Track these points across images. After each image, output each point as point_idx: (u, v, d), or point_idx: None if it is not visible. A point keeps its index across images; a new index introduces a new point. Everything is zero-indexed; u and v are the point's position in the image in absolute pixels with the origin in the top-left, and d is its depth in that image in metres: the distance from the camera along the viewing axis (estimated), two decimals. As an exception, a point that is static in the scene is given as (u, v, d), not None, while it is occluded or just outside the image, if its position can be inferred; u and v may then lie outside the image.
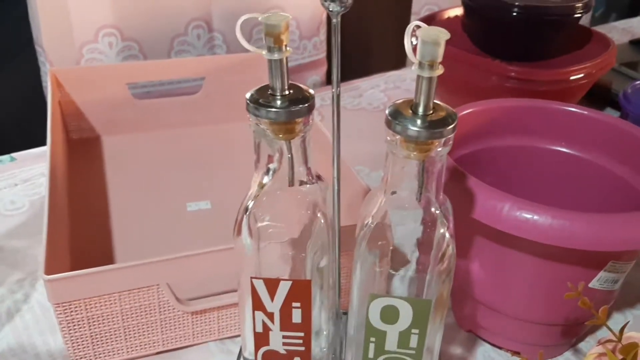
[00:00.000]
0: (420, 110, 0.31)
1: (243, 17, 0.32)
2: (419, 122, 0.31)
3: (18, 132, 0.78)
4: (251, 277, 0.36)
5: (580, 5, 0.75)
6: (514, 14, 0.76)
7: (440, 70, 0.30)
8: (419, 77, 0.31)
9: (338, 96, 0.32)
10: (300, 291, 0.36)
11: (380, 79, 0.97)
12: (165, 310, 0.47)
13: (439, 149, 0.32)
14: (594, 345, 0.48)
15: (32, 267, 0.57)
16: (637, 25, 1.24)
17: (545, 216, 0.39)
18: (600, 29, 1.23)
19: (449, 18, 0.90)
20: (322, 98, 0.90)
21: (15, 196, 0.66)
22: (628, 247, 0.40)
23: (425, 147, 0.31)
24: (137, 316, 0.46)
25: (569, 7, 0.76)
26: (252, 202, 0.35)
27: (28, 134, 0.77)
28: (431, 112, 0.31)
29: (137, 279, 0.44)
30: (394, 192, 0.34)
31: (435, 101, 0.32)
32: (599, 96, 0.87)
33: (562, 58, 0.82)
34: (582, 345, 0.52)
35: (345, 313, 0.41)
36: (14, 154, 0.73)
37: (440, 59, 0.30)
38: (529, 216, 0.40)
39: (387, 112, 0.32)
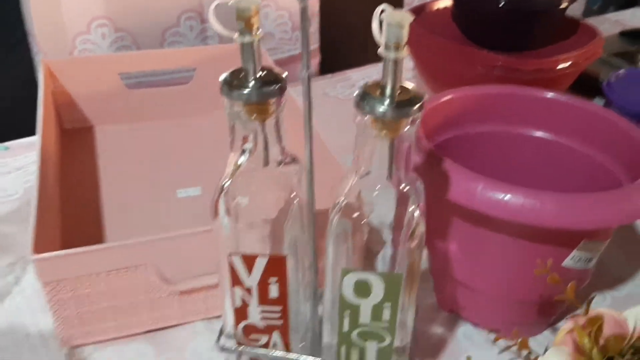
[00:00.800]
0: (388, 91, 0.32)
1: (215, 2, 0.33)
2: (387, 102, 0.32)
3: (13, 122, 0.79)
4: (229, 253, 0.37)
5: (565, -6, 0.76)
6: (501, 4, 0.77)
7: (405, 53, 0.31)
8: (385, 59, 0.32)
9: (308, 79, 0.33)
10: (277, 266, 0.37)
11: (373, 70, 0.98)
12: (152, 290, 0.48)
13: (407, 127, 0.33)
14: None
15: (23, 252, 0.58)
16: (629, 17, 1.25)
17: (517, 195, 0.41)
18: (594, 20, 1.24)
19: (438, 9, 0.91)
20: (314, 89, 0.91)
21: (9, 184, 0.67)
22: (597, 226, 0.41)
23: (394, 126, 0.33)
24: (125, 296, 0.48)
25: (555, -3, 0.77)
26: (229, 181, 0.36)
27: (23, 124, 0.78)
28: (399, 92, 0.33)
29: (124, 259, 0.46)
30: (365, 172, 0.35)
31: (402, 84, 0.33)
32: (587, 86, 0.88)
33: (549, 48, 0.82)
34: (560, 324, 0.54)
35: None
36: (7, 143, 0.75)
37: (404, 41, 0.31)
38: (501, 196, 0.41)
39: (355, 95, 0.34)
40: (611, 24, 1.23)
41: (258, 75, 0.33)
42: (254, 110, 0.33)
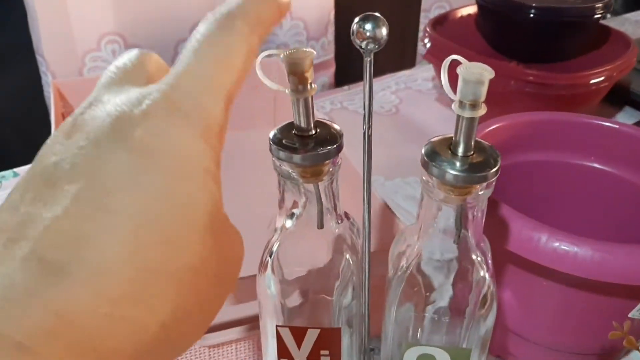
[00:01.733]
0: (460, 151, 0.29)
1: (263, 54, 0.29)
2: (458, 164, 0.29)
3: (20, 145, 0.75)
4: (277, 326, 0.33)
5: (600, 5, 0.73)
6: (531, 15, 0.74)
7: (483, 110, 0.28)
8: (459, 116, 0.28)
9: (369, 137, 0.30)
10: (329, 339, 0.34)
11: (391, 80, 0.94)
12: (181, 345, 0.45)
13: (480, 193, 0.29)
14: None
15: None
16: (651, 17, 1.21)
17: (584, 248, 0.37)
18: (613, 21, 1.20)
19: (462, 17, 0.87)
20: (332, 102, 0.88)
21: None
22: (673, 280, 0.38)
23: (465, 191, 0.29)
24: (152, 352, 0.44)
25: (588, 8, 0.73)
26: (277, 245, 0.33)
27: (31, 146, 0.74)
28: (472, 152, 0.29)
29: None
30: (429, 234, 0.32)
31: (476, 139, 0.29)
32: (617, 96, 0.84)
33: (581, 59, 0.79)
34: (614, 368, 0.50)
35: (372, 349, 0.39)
36: (17, 169, 0.71)
37: (483, 98, 0.27)
38: (567, 248, 0.37)
39: (423, 151, 0.30)
40: (632, 24, 1.19)
41: (313, 133, 0.30)
42: (307, 172, 0.30)
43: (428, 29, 0.78)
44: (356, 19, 0.27)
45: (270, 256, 0.33)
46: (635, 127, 0.51)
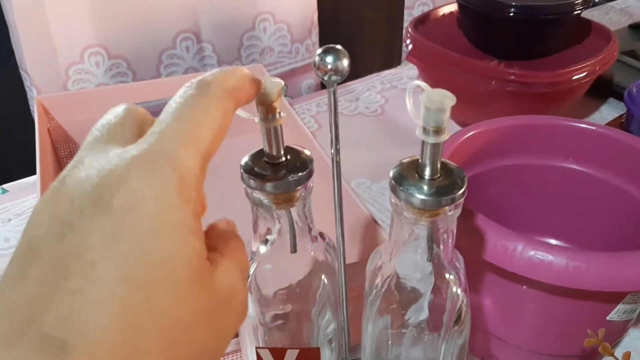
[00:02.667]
0: (427, 174, 0.29)
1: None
2: (425, 188, 0.29)
3: (8, 160, 0.76)
4: (256, 348, 0.34)
5: (579, 1, 0.73)
6: (511, 13, 0.74)
7: (446, 136, 0.28)
8: (423, 141, 0.29)
9: (338, 163, 0.30)
10: (309, 358, 0.34)
11: (376, 80, 0.95)
12: None
13: (449, 213, 0.30)
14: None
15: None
16: (636, 5, 1.21)
17: (559, 257, 0.38)
18: (598, 10, 1.21)
19: (444, 15, 0.87)
20: (318, 104, 0.88)
21: (10, 233, 0.64)
22: (647, 285, 0.38)
23: (434, 213, 0.30)
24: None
25: (568, 4, 0.73)
26: (253, 268, 0.33)
27: (22, 160, 0.75)
28: (438, 175, 0.29)
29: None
30: (401, 253, 0.32)
31: (442, 160, 0.30)
32: (600, 88, 0.85)
33: (563, 54, 0.79)
34: (598, 367, 0.51)
35: (355, 361, 0.40)
36: (5, 186, 0.71)
37: (445, 125, 0.28)
38: (542, 258, 0.38)
39: (391, 174, 0.30)
40: (617, 13, 1.20)
41: (283, 161, 0.30)
42: (279, 199, 0.30)
43: (409, 30, 0.79)
44: (318, 51, 0.27)
45: (247, 279, 0.34)
46: (613, 129, 0.51)
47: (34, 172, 0.71)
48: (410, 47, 0.77)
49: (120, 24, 0.77)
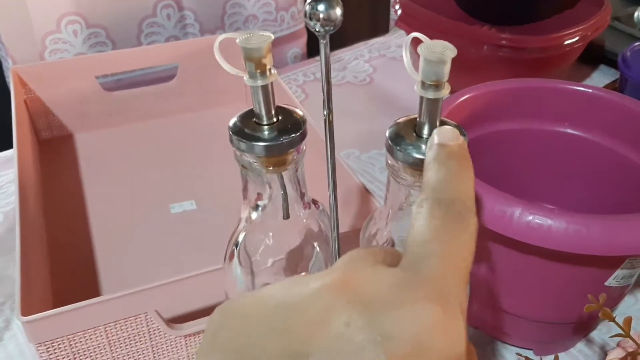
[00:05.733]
0: (425, 133, 0.28)
1: (220, 37, 0.28)
2: (424, 147, 0.28)
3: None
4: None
5: (572, -37, 0.71)
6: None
7: (446, 90, 0.26)
8: (422, 97, 0.27)
9: (331, 122, 0.29)
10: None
11: (364, 48, 0.92)
12: (156, 337, 0.44)
13: (448, 174, 0.28)
14: (608, 340, 0.46)
15: (11, 289, 0.53)
16: (625, -29, 1.19)
17: (558, 221, 0.36)
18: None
19: (433, -20, 0.85)
20: (305, 73, 0.86)
21: (-13, 208, 0.62)
22: (648, 248, 0.37)
23: (433, 173, 0.28)
24: (126, 345, 0.43)
25: (561, -34, 0.72)
26: (243, 235, 0.32)
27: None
28: (438, 133, 0.28)
29: (124, 310, 0.41)
30: (398, 217, 0.31)
31: (441, 118, 0.28)
32: (592, 54, 0.83)
33: (554, 19, 0.78)
34: (594, 334, 0.50)
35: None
36: (-19, 158, 0.69)
37: (446, 78, 0.26)
38: (540, 222, 0.37)
39: (387, 134, 0.29)
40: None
41: (274, 121, 0.28)
42: (270, 162, 0.29)
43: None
44: (308, 0, 0.25)
45: (236, 246, 0.32)
46: (608, 91, 0.50)
47: (8, 146, 0.69)
48: (399, 12, 0.75)
49: (98, -10, 0.74)
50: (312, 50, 0.98)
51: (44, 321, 0.39)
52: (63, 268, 0.54)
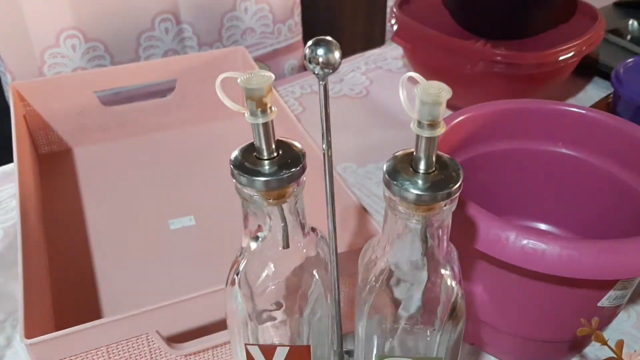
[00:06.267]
0: (422, 168, 0.29)
1: (222, 76, 0.29)
2: (420, 182, 0.28)
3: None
4: (245, 344, 0.33)
5: (565, -21, 0.72)
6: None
7: (442, 129, 0.27)
8: (418, 135, 0.28)
9: (330, 157, 0.29)
10: (299, 356, 0.34)
11: (360, 60, 0.93)
12: (157, 356, 0.44)
13: (444, 208, 0.29)
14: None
15: (11, 306, 0.54)
16: (619, -18, 1.20)
17: (552, 246, 0.37)
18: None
19: (428, -6, 0.86)
20: (302, 85, 0.87)
21: (-13, 224, 0.63)
22: None
23: (428, 208, 0.29)
24: (128, 365, 0.44)
25: (554, -18, 0.72)
26: (244, 264, 0.33)
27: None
28: (433, 169, 0.29)
29: (125, 331, 0.42)
30: (395, 247, 0.32)
31: (437, 153, 0.29)
32: (586, 67, 0.84)
33: (549, 34, 0.79)
34: (587, 350, 0.51)
35: (347, 352, 0.39)
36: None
37: (441, 118, 0.27)
38: (535, 247, 0.38)
39: (384, 168, 0.30)
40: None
41: (274, 156, 0.29)
42: (270, 195, 0.29)
43: (394, 10, 0.77)
44: (308, 43, 0.26)
45: (237, 274, 0.33)
46: (602, 112, 0.51)
47: (7, 161, 0.69)
48: (395, 27, 0.75)
49: (97, 5, 0.75)
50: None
51: (47, 343, 0.40)
52: (63, 285, 0.55)
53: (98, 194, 0.66)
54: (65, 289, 0.54)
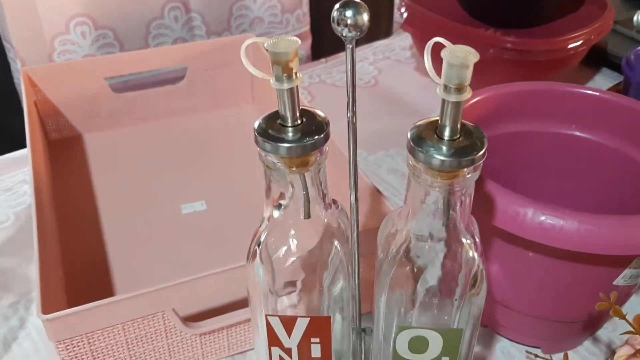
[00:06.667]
0: (447, 134, 0.29)
1: (247, 42, 0.29)
2: (445, 149, 0.28)
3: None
4: (266, 315, 0.33)
5: (576, -33, 0.72)
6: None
7: (468, 93, 0.27)
8: (444, 100, 0.28)
9: (354, 124, 0.29)
10: (320, 327, 0.34)
11: (368, 50, 0.93)
12: (172, 335, 0.44)
13: (468, 176, 0.29)
14: (615, 338, 0.47)
15: (24, 288, 0.54)
16: (625, -25, 1.20)
17: (570, 222, 0.37)
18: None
19: (437, -17, 0.86)
20: (310, 75, 0.87)
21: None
22: (658, 248, 0.38)
23: (452, 175, 0.29)
24: (143, 344, 0.44)
25: (565, -30, 0.72)
26: (265, 234, 0.33)
27: (3, 135, 0.73)
28: (458, 136, 0.29)
29: (141, 308, 0.42)
30: (417, 217, 0.32)
31: (462, 121, 0.29)
32: (595, 57, 0.84)
33: (558, 22, 0.79)
34: (600, 332, 0.51)
35: (364, 330, 0.39)
36: (-8, 160, 0.69)
37: (468, 82, 0.27)
38: (553, 222, 0.38)
39: (409, 135, 0.30)
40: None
41: (298, 124, 0.29)
42: (293, 163, 0.29)
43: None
44: (336, 6, 0.26)
45: (259, 246, 0.33)
46: (615, 94, 0.51)
47: (16, 147, 0.69)
48: (405, 15, 0.75)
49: (107, -8, 0.75)
50: (316, 52, 0.99)
51: (64, 319, 0.40)
52: (76, 270, 0.55)
53: (109, 180, 0.66)
54: (78, 274, 0.54)
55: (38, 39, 0.73)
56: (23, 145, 0.61)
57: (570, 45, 0.71)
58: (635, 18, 0.92)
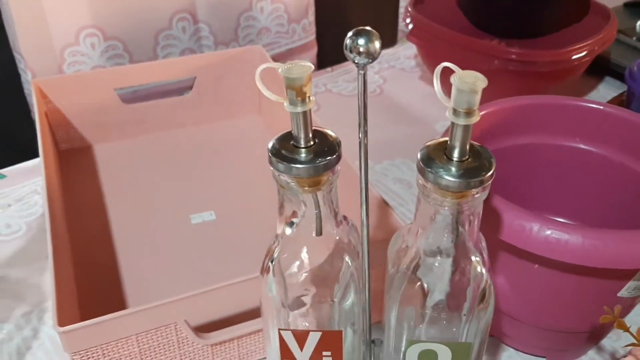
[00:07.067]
0: (455, 155, 0.29)
1: (262, 66, 0.29)
2: (454, 169, 0.29)
3: (2, 144, 0.75)
4: (279, 329, 0.34)
5: (579, -21, 0.73)
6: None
7: (477, 117, 0.28)
8: (453, 123, 0.29)
9: (366, 145, 0.30)
10: (331, 341, 0.34)
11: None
12: (184, 345, 0.45)
13: (476, 195, 0.30)
14: (617, 346, 0.48)
15: (37, 298, 0.55)
16: (628, -17, 1.21)
17: (575, 236, 0.38)
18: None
19: (442, -6, 0.87)
20: (316, 85, 0.87)
21: (11, 219, 0.64)
22: (661, 262, 0.39)
23: (461, 195, 0.30)
24: (156, 354, 0.45)
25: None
26: (278, 251, 0.33)
27: (14, 146, 0.74)
28: (467, 157, 0.30)
29: (154, 320, 0.43)
30: (427, 235, 0.33)
31: (470, 142, 0.30)
32: (598, 67, 0.85)
33: (561, 33, 0.79)
34: (604, 342, 0.52)
35: (373, 342, 0.40)
36: (3, 171, 0.70)
37: (477, 106, 0.28)
38: (558, 237, 0.38)
39: (419, 156, 0.30)
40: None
41: (311, 145, 0.30)
42: (306, 183, 0.30)
43: (409, 9, 0.78)
44: (349, 34, 0.27)
45: (272, 262, 0.34)
46: (618, 108, 0.51)
47: (27, 157, 0.70)
48: (410, 26, 0.76)
49: (116, 4, 0.76)
50: (322, 61, 1.00)
51: (79, 331, 0.40)
52: (87, 279, 0.56)
53: (119, 190, 0.67)
54: (89, 284, 0.55)
55: (48, 50, 0.74)
56: (33, 156, 0.62)
57: (575, 56, 0.72)
58: (638, 26, 0.93)
